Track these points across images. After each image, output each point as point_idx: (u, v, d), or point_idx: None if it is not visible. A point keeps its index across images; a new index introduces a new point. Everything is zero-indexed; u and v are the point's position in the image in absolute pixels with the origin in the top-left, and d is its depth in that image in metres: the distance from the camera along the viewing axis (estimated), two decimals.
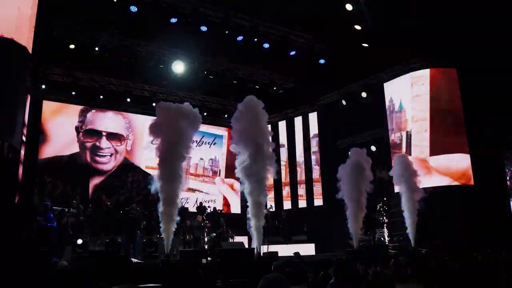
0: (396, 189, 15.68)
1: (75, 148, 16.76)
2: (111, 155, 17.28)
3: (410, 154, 15.55)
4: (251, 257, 10.72)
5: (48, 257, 8.29)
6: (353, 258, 10.51)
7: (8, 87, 8.26)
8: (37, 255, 8.04)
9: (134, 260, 9.89)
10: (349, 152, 13.39)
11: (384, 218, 14.89)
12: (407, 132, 15.82)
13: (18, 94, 8.67)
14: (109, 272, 8.10)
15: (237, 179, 19.72)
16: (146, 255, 10.92)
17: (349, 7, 14.79)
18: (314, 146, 18.71)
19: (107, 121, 17.54)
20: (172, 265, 8.91)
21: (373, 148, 16.42)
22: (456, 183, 14.96)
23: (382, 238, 14.48)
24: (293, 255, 9.21)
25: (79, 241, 10.99)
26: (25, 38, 8.82)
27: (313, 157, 18.71)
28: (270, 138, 10.85)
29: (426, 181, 14.85)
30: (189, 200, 17.90)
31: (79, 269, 7.87)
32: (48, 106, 16.34)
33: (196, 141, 19.37)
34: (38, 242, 9.62)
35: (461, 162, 15.01)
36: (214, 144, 20.01)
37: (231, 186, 20.00)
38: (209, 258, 10.05)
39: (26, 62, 8.87)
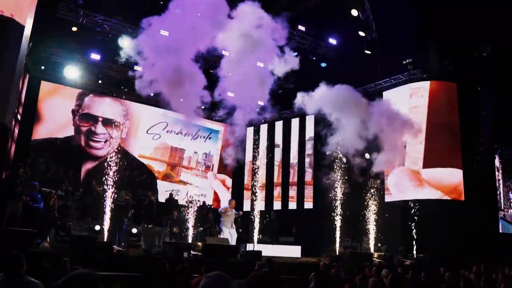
0: (387, 198, 15.75)
1: (70, 131, 16.70)
2: (105, 141, 17.24)
3: (403, 165, 15.58)
4: (235, 254, 10.75)
5: (31, 237, 8.27)
6: (336, 264, 10.48)
7: (4, 65, 8.24)
8: (20, 235, 8.03)
9: (116, 247, 9.87)
10: None
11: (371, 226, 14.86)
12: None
13: (13, 72, 8.65)
14: (91, 258, 8.10)
15: (230, 175, 19.92)
16: (130, 244, 10.93)
17: (354, 12, 14.85)
18: (309, 149, 18.67)
19: (105, 106, 17.43)
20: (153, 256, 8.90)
21: (367, 155, 16.39)
22: (446, 197, 14.98)
23: (367, 246, 14.45)
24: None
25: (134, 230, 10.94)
26: (25, 16, 8.80)
27: (307, 160, 18.68)
28: None
29: (417, 193, 14.90)
30: (179, 193, 17.89)
31: (58, 252, 7.84)
32: (45, 87, 16.25)
33: (192, 134, 19.37)
34: (22, 222, 9.58)
35: (453, 176, 15.02)
36: (209, 139, 19.98)
37: (223, 182, 19.99)
38: (192, 252, 10.03)
39: (24, 40, 8.83)
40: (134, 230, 11.55)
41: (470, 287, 5.76)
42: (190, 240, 11.28)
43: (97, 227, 11.10)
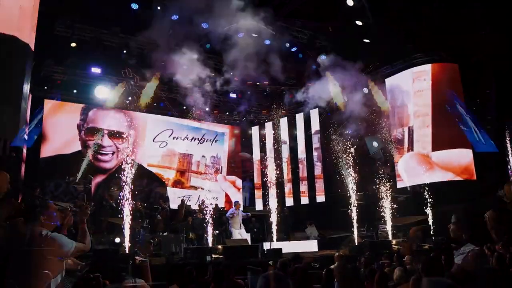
0: (399, 184, 15.74)
1: (77, 147, 16.71)
2: (113, 153, 17.23)
3: (412, 150, 15.57)
4: (256, 254, 10.76)
5: None
6: (357, 254, 10.51)
7: (12, 85, 8.25)
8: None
9: (138, 258, 9.86)
10: None
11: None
12: (409, 127, 15.81)
13: (21, 92, 8.65)
14: (114, 270, 8.10)
15: (239, 176, 19.94)
16: (150, 253, 10.90)
17: (350, 2, 14.83)
18: (316, 142, 18.66)
19: (109, 119, 17.42)
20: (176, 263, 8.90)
21: (375, 143, 16.41)
22: (458, 178, 14.95)
23: (385, 234, 14.44)
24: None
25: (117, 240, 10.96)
26: (28, 35, 8.81)
27: (315, 154, 18.65)
28: None
29: (428, 177, 14.88)
30: (191, 198, 17.88)
31: (85, 268, 7.84)
32: (49, 105, 16.26)
33: (198, 138, 19.39)
34: None
35: (463, 157, 15.00)
36: (215, 142, 19.99)
37: (233, 183, 19.99)
38: (213, 256, 10.04)
39: (29, 59, 8.85)
40: (154, 239, 11.53)
41: (503, 264, 5.73)
42: (210, 244, 11.28)
43: (117, 240, 11.10)
